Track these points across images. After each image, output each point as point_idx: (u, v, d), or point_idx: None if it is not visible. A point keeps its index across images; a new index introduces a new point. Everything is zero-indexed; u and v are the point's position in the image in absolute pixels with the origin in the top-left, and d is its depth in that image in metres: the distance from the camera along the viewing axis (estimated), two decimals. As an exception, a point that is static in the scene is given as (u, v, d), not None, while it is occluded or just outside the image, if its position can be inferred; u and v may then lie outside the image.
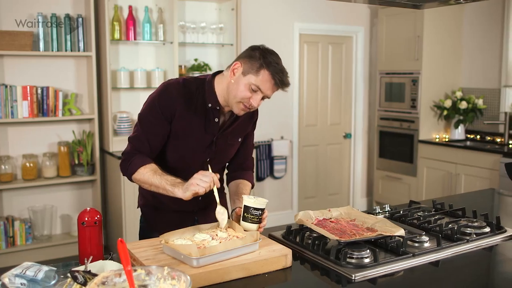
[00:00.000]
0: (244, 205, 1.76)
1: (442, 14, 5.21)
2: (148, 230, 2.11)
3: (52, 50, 4.20)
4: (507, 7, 4.98)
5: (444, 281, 1.57)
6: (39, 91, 4.17)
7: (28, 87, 4.11)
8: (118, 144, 4.40)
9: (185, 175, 1.85)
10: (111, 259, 1.66)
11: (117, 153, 4.30)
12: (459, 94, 5.26)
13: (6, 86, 4.06)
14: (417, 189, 5.33)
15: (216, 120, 1.95)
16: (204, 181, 1.72)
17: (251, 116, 2.09)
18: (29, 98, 4.11)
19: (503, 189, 3.49)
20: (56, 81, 4.34)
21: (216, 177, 1.77)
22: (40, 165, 4.34)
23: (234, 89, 1.85)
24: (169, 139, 1.94)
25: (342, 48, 5.87)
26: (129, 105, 4.67)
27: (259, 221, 1.76)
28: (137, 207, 2.19)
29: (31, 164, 4.22)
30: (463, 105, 5.13)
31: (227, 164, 2.15)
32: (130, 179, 1.95)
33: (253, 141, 2.20)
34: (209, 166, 1.91)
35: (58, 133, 4.42)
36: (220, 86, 1.92)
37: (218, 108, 1.94)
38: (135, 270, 1.26)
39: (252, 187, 2.14)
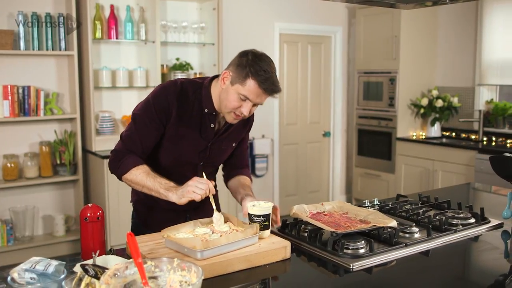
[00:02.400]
0: (247, 213, 1.79)
1: (418, 15, 5.35)
2: (141, 225, 2.12)
3: (33, 49, 4.16)
4: (480, 8, 5.15)
5: (436, 269, 1.64)
6: (20, 90, 4.12)
7: (9, 86, 4.06)
8: (101, 144, 4.38)
9: (176, 178, 1.87)
10: (114, 253, 1.68)
11: (99, 153, 4.29)
12: (435, 92, 5.41)
13: (-14, 86, 4.00)
14: (396, 186, 5.46)
15: (212, 126, 1.95)
16: (200, 188, 1.73)
17: (246, 121, 2.09)
18: (10, 97, 4.06)
19: (478, 184, 3.63)
20: (37, 80, 4.30)
21: (211, 184, 1.77)
22: (21, 165, 4.29)
23: (224, 98, 1.85)
24: (162, 141, 1.94)
25: (321, 48, 5.96)
26: (111, 105, 4.65)
27: (266, 226, 1.75)
28: (130, 202, 2.20)
29: (12, 165, 4.17)
30: (439, 103, 5.28)
31: (221, 166, 2.19)
32: (120, 179, 1.95)
33: (247, 143, 2.22)
34: (203, 173, 1.87)
35: (39, 133, 4.37)
36: (215, 92, 1.91)
37: (214, 113, 1.94)
38: (145, 262, 1.29)
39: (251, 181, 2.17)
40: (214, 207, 1.82)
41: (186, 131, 1.92)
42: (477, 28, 5.22)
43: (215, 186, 2.11)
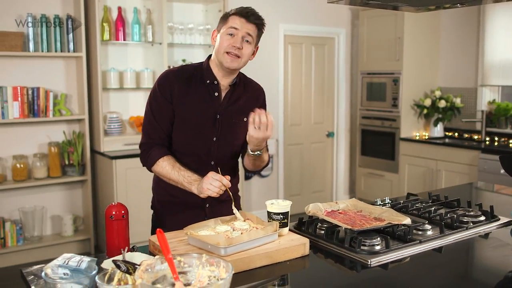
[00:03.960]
0: (267, 211, 1.85)
1: (421, 16, 5.40)
2: (160, 227, 2.17)
3: (42, 51, 4.21)
4: (483, 10, 5.21)
5: (449, 265, 1.70)
6: (30, 91, 4.17)
7: (19, 87, 4.11)
8: (109, 144, 4.43)
9: (192, 162, 2.02)
10: (137, 251, 1.73)
11: (108, 153, 4.34)
12: (438, 93, 5.47)
13: (-4, 87, 4.05)
14: (399, 186, 5.52)
15: (216, 94, 2.07)
16: (213, 185, 1.85)
17: (257, 95, 2.18)
18: (19, 98, 4.11)
19: (481, 183, 3.69)
20: (46, 82, 4.35)
21: (225, 179, 1.85)
22: (30, 166, 4.33)
23: (216, 47, 2.03)
24: (175, 120, 2.06)
25: (325, 49, 6.02)
26: (119, 106, 4.71)
27: (285, 224, 1.80)
28: (150, 207, 2.26)
29: (22, 165, 4.22)
30: (442, 104, 5.34)
31: (240, 159, 2.22)
32: (150, 170, 2.08)
33: None
34: (219, 169, 1.94)
35: (48, 134, 4.42)
36: (213, 63, 2.07)
37: (215, 82, 2.06)
38: (174, 258, 1.34)
39: (268, 161, 2.17)
40: (231, 197, 1.91)
41: (192, 103, 2.04)
42: (480, 29, 5.28)
43: (235, 185, 2.18)
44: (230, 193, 1.90)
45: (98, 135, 4.44)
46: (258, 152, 2.00)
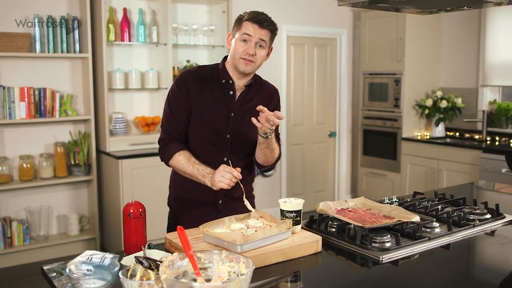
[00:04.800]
0: (280, 209, 1.90)
1: (423, 17, 5.46)
2: (176, 225, 2.22)
3: (48, 52, 4.25)
4: (484, 11, 5.26)
5: (457, 261, 1.75)
6: (37, 92, 4.21)
7: (26, 88, 4.15)
8: (114, 144, 4.47)
9: (206, 158, 2.10)
10: (153, 248, 1.77)
11: (113, 153, 4.38)
12: (439, 93, 5.52)
13: (3, 88, 4.09)
14: (401, 185, 5.57)
15: (231, 93, 2.14)
16: (225, 178, 1.92)
17: (271, 96, 2.25)
18: (26, 99, 4.15)
19: (483, 183, 3.74)
20: (52, 82, 4.39)
21: (236, 171, 1.92)
22: (36, 166, 4.37)
23: (232, 52, 2.09)
24: (191, 117, 2.14)
25: (327, 50, 6.07)
26: (124, 106, 4.75)
27: (297, 222, 1.86)
28: (167, 204, 2.32)
29: (28, 165, 4.26)
30: (443, 104, 5.39)
31: (255, 158, 2.26)
32: (168, 165, 2.17)
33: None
34: (229, 162, 2.04)
35: (54, 134, 4.46)
36: (229, 63, 2.14)
37: (231, 82, 2.13)
38: (195, 255, 1.38)
39: (279, 156, 2.22)
40: (243, 189, 1.99)
41: (208, 100, 2.13)
42: (480, 30, 5.33)
43: (249, 177, 2.25)
44: (241, 185, 1.97)
45: (104, 135, 4.48)
46: (269, 133, 2.01)
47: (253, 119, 1.94)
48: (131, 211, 1.72)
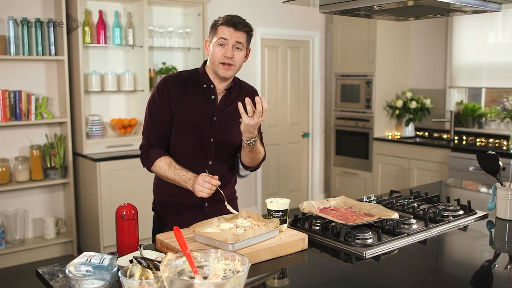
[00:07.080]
0: (267, 209, 1.97)
1: (394, 21, 5.61)
2: (162, 227, 2.27)
3: (23, 54, 4.21)
4: (451, 17, 5.45)
5: (434, 255, 1.86)
6: (12, 95, 4.17)
7: (1, 91, 4.10)
8: (91, 147, 4.47)
9: (190, 163, 2.13)
10: (145, 249, 1.82)
11: (90, 156, 4.37)
12: (409, 94, 5.70)
13: (-22, 91, 4.03)
14: (373, 184, 5.72)
15: (213, 97, 2.19)
16: (204, 187, 2.00)
17: (251, 97, 2.28)
18: (1, 102, 4.10)
19: (451, 180, 3.90)
20: (27, 85, 4.35)
21: (214, 180, 1.99)
22: (12, 169, 4.33)
23: (211, 57, 2.14)
24: (173, 123, 2.17)
25: (300, 52, 6.18)
26: (100, 108, 4.74)
27: (284, 221, 1.94)
28: (152, 209, 2.35)
29: (3, 169, 4.21)
30: (413, 104, 5.58)
31: (241, 160, 2.32)
32: (150, 170, 2.20)
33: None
34: (206, 170, 2.07)
35: (30, 137, 4.42)
36: (209, 68, 2.19)
37: (212, 86, 2.18)
38: (191, 254, 1.44)
39: (264, 156, 2.28)
40: (223, 195, 2.05)
41: (190, 105, 2.16)
42: (448, 34, 5.54)
43: (230, 183, 2.31)
44: (221, 191, 2.04)
45: (80, 137, 4.47)
46: (253, 140, 2.08)
47: (239, 104, 1.96)
48: (124, 213, 1.76)
